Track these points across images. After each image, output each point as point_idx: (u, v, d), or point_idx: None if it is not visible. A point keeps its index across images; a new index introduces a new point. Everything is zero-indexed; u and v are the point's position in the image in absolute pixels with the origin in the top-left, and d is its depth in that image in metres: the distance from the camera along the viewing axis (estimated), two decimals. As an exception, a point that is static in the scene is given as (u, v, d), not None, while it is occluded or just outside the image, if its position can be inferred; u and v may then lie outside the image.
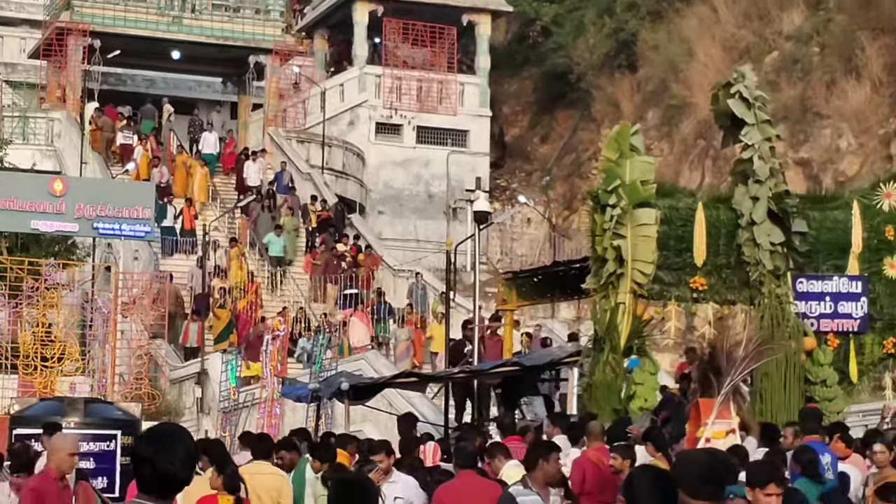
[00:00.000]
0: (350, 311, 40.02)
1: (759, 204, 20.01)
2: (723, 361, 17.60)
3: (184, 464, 5.95)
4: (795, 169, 43.15)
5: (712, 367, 17.75)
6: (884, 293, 20.88)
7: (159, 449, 5.93)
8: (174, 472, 5.93)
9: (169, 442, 5.98)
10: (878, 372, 21.93)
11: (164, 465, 5.91)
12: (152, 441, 5.96)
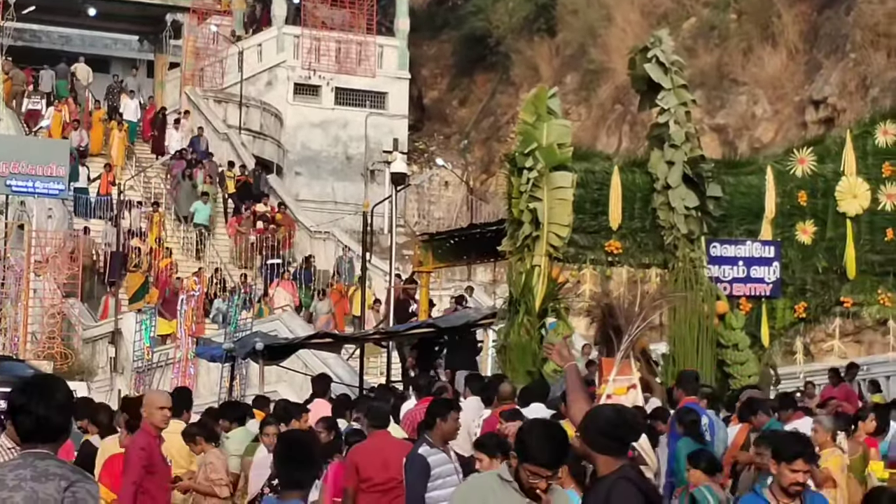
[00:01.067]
0: (276, 281, 39.90)
1: (675, 168, 20.11)
2: (621, 319, 17.75)
3: (59, 409, 6.05)
4: (711, 135, 43.44)
5: (611, 326, 17.89)
6: (796, 258, 21.07)
7: (33, 397, 6.01)
8: (48, 417, 6.00)
9: (43, 389, 6.08)
10: (789, 336, 22.14)
11: (39, 411, 5.98)
12: (26, 391, 6.05)
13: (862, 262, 21.17)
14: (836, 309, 21.59)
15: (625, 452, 8.09)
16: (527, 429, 7.37)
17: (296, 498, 7.75)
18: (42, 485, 5.88)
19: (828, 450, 14.53)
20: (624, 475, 7.88)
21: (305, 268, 41.01)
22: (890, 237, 21.27)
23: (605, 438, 7.87)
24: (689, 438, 14.77)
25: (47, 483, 5.89)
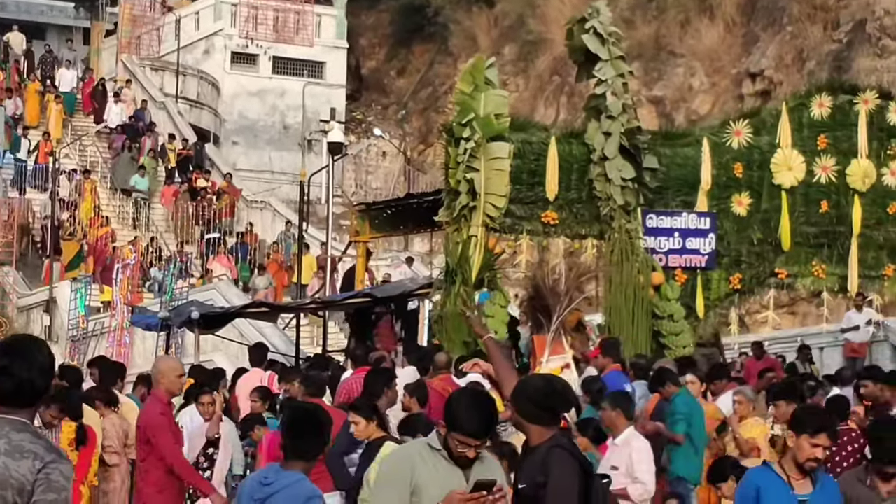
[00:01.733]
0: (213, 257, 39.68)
1: (612, 139, 20.12)
2: (548, 298, 17.80)
3: (41, 371, 5.87)
4: (649, 106, 43.58)
5: (539, 306, 17.93)
6: (731, 230, 21.18)
7: (15, 358, 5.84)
8: (31, 379, 5.83)
9: (24, 351, 5.89)
10: (724, 307, 22.24)
11: (21, 373, 5.81)
12: (7, 351, 5.87)
13: (797, 234, 21.31)
14: (771, 280, 21.72)
15: (556, 422, 8.11)
16: (455, 398, 7.37)
17: (299, 469, 7.75)
18: (16, 462, 5.68)
19: (751, 419, 14.65)
20: (558, 444, 7.90)
21: (241, 242, 40.76)
22: (825, 209, 21.44)
23: (536, 408, 7.89)
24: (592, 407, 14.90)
25: (21, 461, 5.69)
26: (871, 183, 21.55)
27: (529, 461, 7.95)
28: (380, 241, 34.63)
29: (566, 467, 7.75)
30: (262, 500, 7.67)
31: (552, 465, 7.71)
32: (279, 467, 7.75)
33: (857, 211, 21.44)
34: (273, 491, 7.65)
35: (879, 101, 21.81)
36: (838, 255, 21.53)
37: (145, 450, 11.68)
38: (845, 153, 21.53)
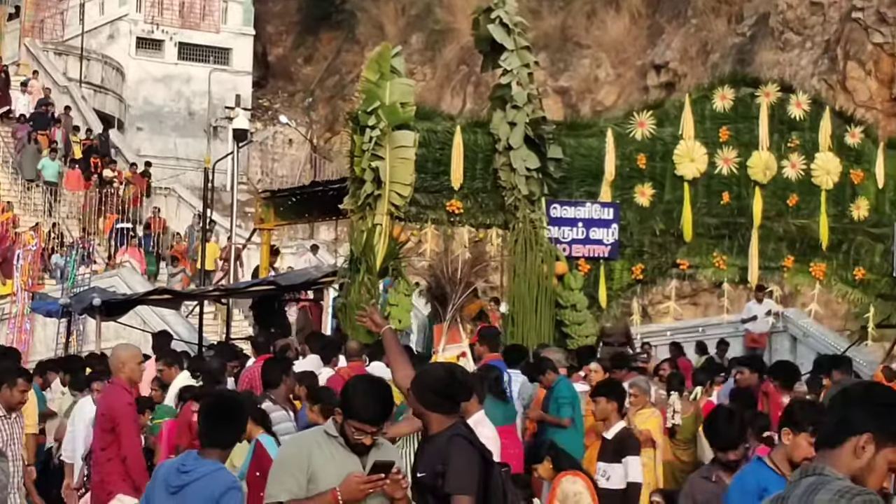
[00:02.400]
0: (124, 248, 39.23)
1: (516, 129, 20.19)
2: (446, 287, 17.86)
3: None
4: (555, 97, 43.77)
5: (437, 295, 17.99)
6: (634, 220, 21.32)
7: None
8: None
9: None
10: (626, 297, 22.41)
11: None
12: None
13: (698, 226, 21.51)
14: (673, 271, 21.91)
15: (457, 410, 8.14)
16: (351, 385, 7.38)
17: (216, 457, 7.72)
18: None
19: (647, 410, 14.81)
20: (458, 432, 7.92)
21: (146, 234, 40.33)
22: (726, 201, 21.65)
23: (436, 396, 7.92)
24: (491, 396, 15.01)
25: None
26: (772, 175, 21.79)
27: (429, 450, 7.97)
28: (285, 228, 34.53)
29: (465, 455, 7.79)
30: (179, 487, 7.64)
31: (451, 454, 7.74)
32: (196, 455, 7.72)
33: (757, 203, 21.68)
34: (191, 479, 7.62)
35: (781, 95, 22.06)
36: (739, 246, 21.76)
37: (107, 438, 11.53)
38: (747, 145, 21.76)
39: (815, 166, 21.97)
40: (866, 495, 4.99)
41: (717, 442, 9.24)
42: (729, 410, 9.62)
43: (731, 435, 9.10)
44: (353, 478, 7.07)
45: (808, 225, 21.99)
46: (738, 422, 9.23)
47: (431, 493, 7.84)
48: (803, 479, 5.16)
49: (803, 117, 22.04)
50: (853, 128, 22.46)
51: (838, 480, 5.10)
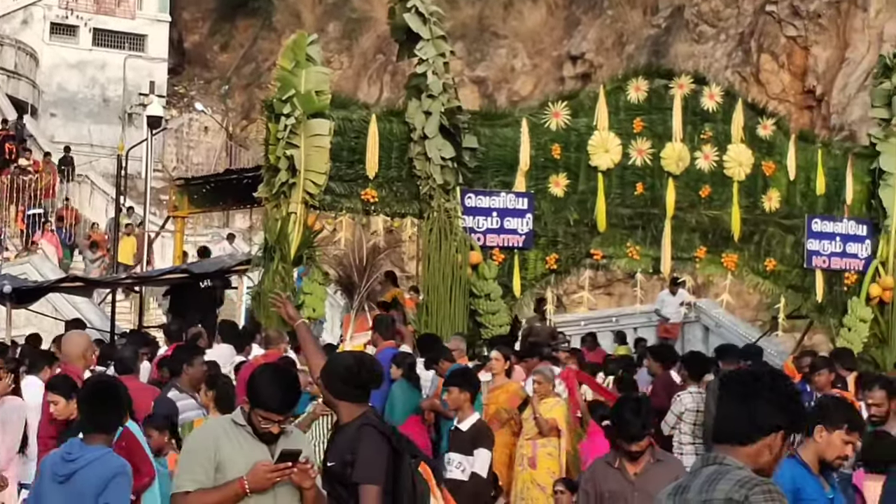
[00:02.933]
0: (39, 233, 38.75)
1: (432, 119, 20.18)
2: (354, 277, 17.92)
3: None
4: (471, 87, 43.85)
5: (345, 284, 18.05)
6: (548, 210, 21.36)
7: None
8: None
9: None
10: (540, 287, 22.48)
11: None
12: None
13: (612, 216, 21.60)
14: (587, 261, 21.99)
15: (366, 399, 8.14)
16: (257, 375, 7.37)
17: (101, 442, 7.66)
18: None
19: (552, 399, 14.89)
20: (368, 422, 7.93)
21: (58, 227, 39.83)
22: (640, 191, 21.76)
23: (345, 385, 7.92)
24: (406, 381, 15.09)
25: None
26: (685, 166, 21.92)
27: (339, 439, 7.97)
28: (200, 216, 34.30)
29: (374, 444, 7.79)
30: (67, 476, 7.58)
31: (361, 443, 7.74)
32: (81, 442, 7.66)
33: (670, 194, 21.81)
34: (78, 467, 7.56)
35: (694, 86, 22.19)
36: (652, 236, 21.87)
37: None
38: (660, 137, 21.87)
39: (728, 158, 22.14)
40: (765, 485, 5.05)
41: (621, 432, 9.32)
42: (636, 401, 9.62)
43: (636, 426, 9.19)
44: (261, 466, 7.06)
45: (720, 216, 22.16)
46: (644, 413, 9.29)
47: (340, 483, 7.84)
48: (703, 469, 5.23)
49: (716, 109, 22.20)
50: (765, 120, 22.66)
51: (738, 470, 5.15)
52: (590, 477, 9.56)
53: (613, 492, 9.27)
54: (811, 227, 22.70)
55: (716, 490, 5.05)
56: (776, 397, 5.19)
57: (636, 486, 9.21)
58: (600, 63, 42.09)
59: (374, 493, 7.73)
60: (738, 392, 5.20)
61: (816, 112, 38.75)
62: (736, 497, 4.99)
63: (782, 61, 39.03)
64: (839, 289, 23.02)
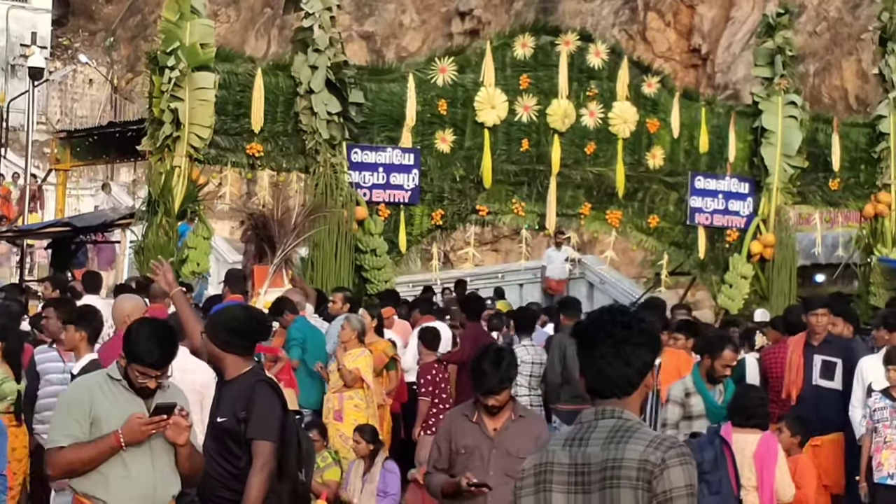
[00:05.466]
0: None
1: (318, 73, 20.09)
2: (275, 230, 17.84)
3: None
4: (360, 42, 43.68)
5: (264, 237, 17.97)
6: (435, 166, 21.39)
7: None
8: None
9: None
10: (426, 243, 22.53)
11: None
12: None
13: (498, 172, 21.68)
14: (473, 217, 22.07)
15: (252, 353, 8.12)
16: (134, 329, 7.30)
17: None
18: None
19: (357, 350, 14.74)
20: (262, 377, 7.92)
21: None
22: (525, 148, 21.86)
23: (232, 336, 7.88)
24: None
25: None
26: (571, 123, 22.04)
27: (227, 394, 7.92)
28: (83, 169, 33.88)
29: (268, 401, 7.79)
30: None
31: (255, 399, 7.72)
32: None
33: (556, 150, 21.93)
34: None
35: (580, 44, 22.29)
36: (538, 193, 21.99)
37: None
38: (546, 93, 21.96)
39: (613, 115, 22.30)
40: (679, 447, 5.02)
41: (479, 385, 8.73)
42: (497, 351, 8.89)
43: (494, 379, 8.60)
44: (135, 419, 7.03)
45: (605, 173, 22.34)
46: (504, 365, 8.66)
47: (232, 439, 7.80)
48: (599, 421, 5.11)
49: (602, 67, 22.33)
50: (650, 78, 22.84)
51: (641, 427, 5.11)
52: (445, 431, 8.90)
53: (469, 447, 8.64)
54: (694, 185, 22.95)
55: (626, 450, 4.95)
56: (644, 338, 5.17)
57: (494, 443, 8.63)
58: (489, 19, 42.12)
59: (270, 450, 7.72)
60: (610, 343, 5.10)
61: (702, 70, 39.10)
62: (652, 459, 4.89)
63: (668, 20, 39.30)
64: (721, 246, 23.32)
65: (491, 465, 8.56)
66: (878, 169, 24.15)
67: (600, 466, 4.97)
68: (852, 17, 36.60)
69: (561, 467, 5.06)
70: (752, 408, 10.76)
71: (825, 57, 36.36)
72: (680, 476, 4.90)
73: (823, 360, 13.97)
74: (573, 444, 5.08)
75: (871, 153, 24.15)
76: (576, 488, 5.01)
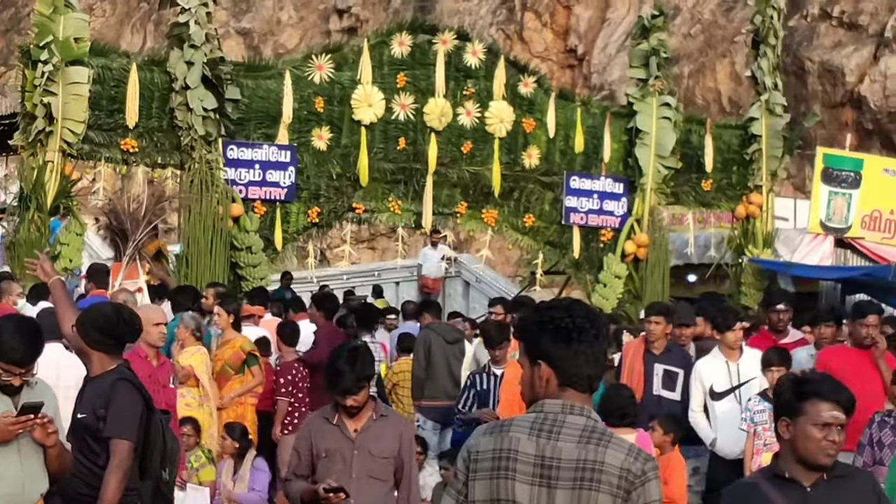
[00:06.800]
0: None
1: (194, 69, 19.96)
2: (126, 223, 17.71)
3: None
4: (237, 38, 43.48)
5: (117, 231, 17.82)
6: (311, 163, 21.34)
7: None
8: None
9: None
10: (303, 241, 22.48)
11: None
12: None
13: (374, 170, 21.69)
14: (349, 215, 22.04)
15: (120, 351, 8.08)
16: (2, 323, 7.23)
17: None
18: None
19: (192, 347, 14.78)
20: (122, 376, 7.87)
21: None
22: (402, 146, 21.89)
23: (101, 335, 7.84)
24: None
25: None
26: (447, 122, 22.12)
27: (90, 391, 7.89)
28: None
29: (128, 399, 7.75)
30: None
31: (116, 396, 7.68)
32: None
33: (432, 149, 21.99)
34: None
35: (458, 43, 22.36)
36: (414, 191, 22.04)
37: None
38: (423, 92, 22.02)
39: (490, 114, 22.41)
40: (654, 461, 5.09)
41: (335, 385, 8.53)
42: (352, 350, 8.66)
43: (351, 379, 8.44)
44: (1, 418, 6.95)
45: (481, 172, 22.44)
46: (360, 364, 8.48)
47: (91, 436, 7.76)
48: (568, 417, 5.06)
49: (479, 66, 22.43)
50: (527, 77, 22.98)
51: (614, 433, 5.12)
52: (304, 435, 8.68)
53: (331, 450, 8.47)
54: (569, 185, 23.14)
55: (607, 454, 4.96)
56: (607, 335, 5.25)
57: (356, 445, 8.46)
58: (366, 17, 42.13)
59: (127, 449, 7.67)
60: (590, 337, 5.09)
61: (578, 71, 39.46)
62: (634, 469, 4.94)
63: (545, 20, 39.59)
64: (595, 245, 23.54)
65: (354, 467, 8.43)
66: (749, 170, 24.53)
67: (573, 465, 4.95)
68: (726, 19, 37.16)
69: (526, 457, 5.00)
70: (625, 406, 10.90)
71: (699, 59, 36.87)
72: (656, 490, 5.00)
73: (665, 370, 13.93)
74: (540, 434, 5.01)
75: (743, 155, 24.53)
76: (541, 481, 4.96)
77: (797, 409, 6.15)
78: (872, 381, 12.91)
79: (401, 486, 8.59)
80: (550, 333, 5.12)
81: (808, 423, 6.10)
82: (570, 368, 5.09)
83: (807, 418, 6.11)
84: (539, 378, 5.12)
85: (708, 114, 30.57)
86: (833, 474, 6.15)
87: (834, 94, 34.08)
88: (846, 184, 24.37)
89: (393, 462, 8.53)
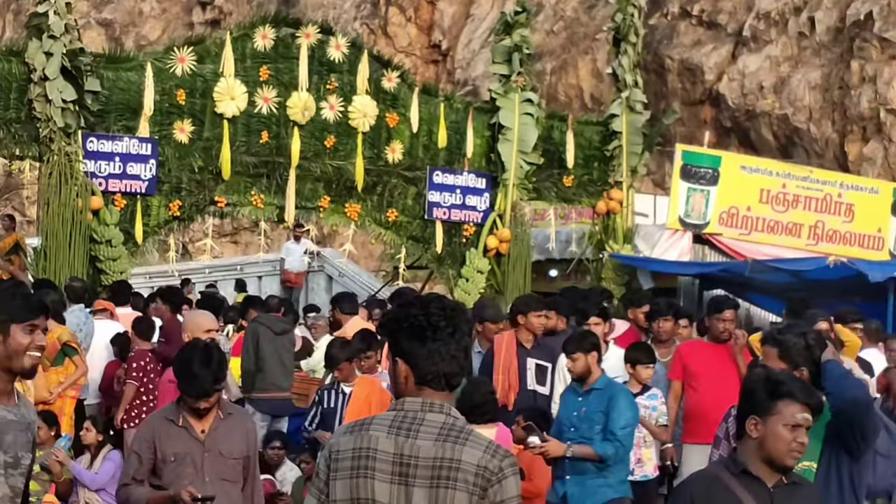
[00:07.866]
0: None
1: (53, 60, 19.68)
2: None
3: None
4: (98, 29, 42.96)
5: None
6: (173, 156, 21.15)
7: None
8: None
9: None
10: (164, 234, 22.28)
11: None
12: None
13: (237, 164, 21.56)
14: (211, 208, 21.89)
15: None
16: None
17: None
18: None
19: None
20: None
21: None
22: (265, 139, 21.78)
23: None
24: None
25: None
26: (311, 116, 22.05)
27: None
28: None
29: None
30: None
31: None
32: None
33: (295, 143, 21.92)
34: None
35: (321, 37, 22.30)
36: (277, 185, 21.95)
37: None
38: (286, 86, 21.93)
39: (353, 109, 22.39)
40: (511, 457, 5.07)
41: (189, 388, 8.20)
42: (205, 350, 8.28)
43: (209, 381, 8.14)
44: None
45: (344, 166, 22.40)
46: (215, 365, 8.19)
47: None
48: (427, 414, 5.04)
49: (342, 60, 22.39)
50: (390, 72, 22.99)
51: (473, 430, 5.11)
52: (146, 438, 8.26)
53: (180, 454, 8.14)
54: (432, 180, 23.21)
55: (464, 452, 4.94)
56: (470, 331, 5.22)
57: (206, 446, 8.19)
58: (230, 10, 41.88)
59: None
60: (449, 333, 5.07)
61: (442, 66, 39.60)
62: (490, 467, 4.93)
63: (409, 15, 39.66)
64: (458, 240, 23.63)
65: (205, 470, 8.20)
66: (610, 167, 24.78)
67: (430, 463, 4.94)
68: (588, 17, 37.53)
69: (385, 455, 4.99)
70: (484, 404, 10.91)
71: (561, 56, 37.19)
72: (513, 486, 4.99)
73: (537, 364, 13.99)
74: (399, 433, 5.00)
75: (604, 151, 24.77)
76: (399, 479, 4.96)
77: (769, 409, 6.17)
78: (729, 375, 13.09)
79: (246, 483, 8.40)
80: (406, 331, 5.12)
81: (780, 423, 6.13)
82: (425, 366, 5.08)
83: (779, 418, 6.14)
84: (399, 375, 5.13)
85: (570, 110, 30.85)
86: (790, 479, 6.23)
87: (693, 92, 34.59)
88: (704, 181, 24.71)
89: (242, 462, 8.35)
